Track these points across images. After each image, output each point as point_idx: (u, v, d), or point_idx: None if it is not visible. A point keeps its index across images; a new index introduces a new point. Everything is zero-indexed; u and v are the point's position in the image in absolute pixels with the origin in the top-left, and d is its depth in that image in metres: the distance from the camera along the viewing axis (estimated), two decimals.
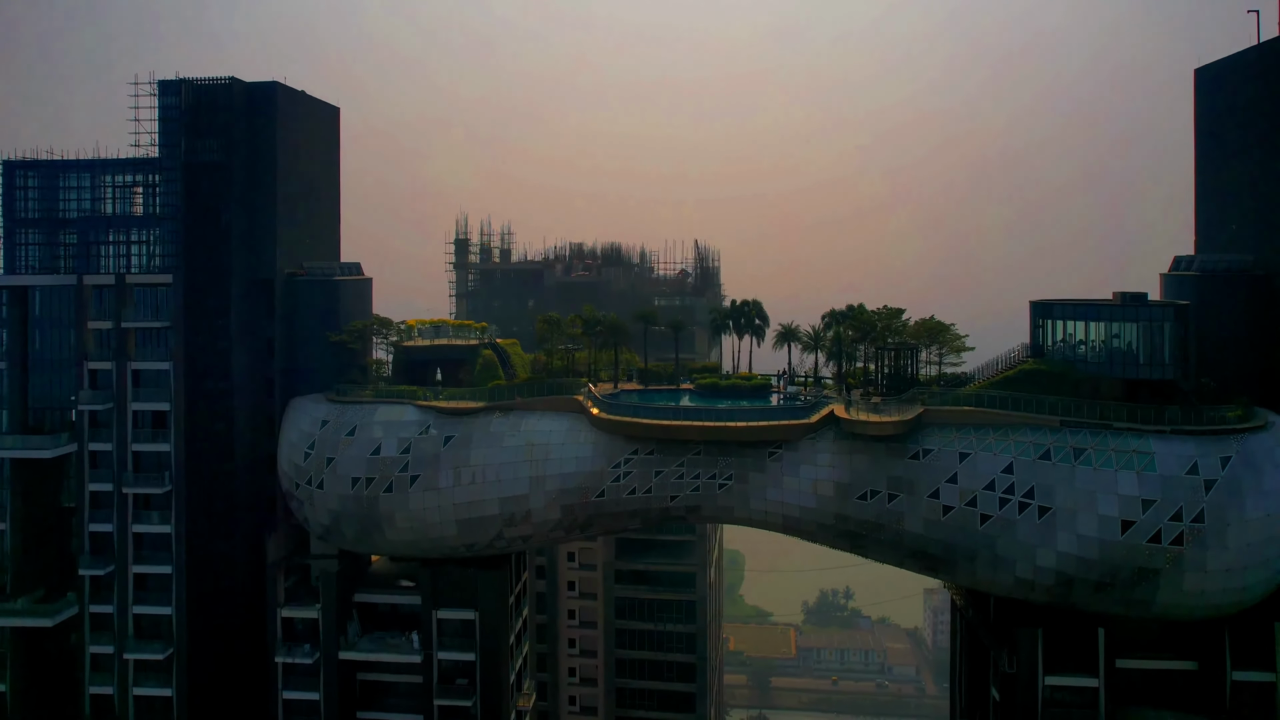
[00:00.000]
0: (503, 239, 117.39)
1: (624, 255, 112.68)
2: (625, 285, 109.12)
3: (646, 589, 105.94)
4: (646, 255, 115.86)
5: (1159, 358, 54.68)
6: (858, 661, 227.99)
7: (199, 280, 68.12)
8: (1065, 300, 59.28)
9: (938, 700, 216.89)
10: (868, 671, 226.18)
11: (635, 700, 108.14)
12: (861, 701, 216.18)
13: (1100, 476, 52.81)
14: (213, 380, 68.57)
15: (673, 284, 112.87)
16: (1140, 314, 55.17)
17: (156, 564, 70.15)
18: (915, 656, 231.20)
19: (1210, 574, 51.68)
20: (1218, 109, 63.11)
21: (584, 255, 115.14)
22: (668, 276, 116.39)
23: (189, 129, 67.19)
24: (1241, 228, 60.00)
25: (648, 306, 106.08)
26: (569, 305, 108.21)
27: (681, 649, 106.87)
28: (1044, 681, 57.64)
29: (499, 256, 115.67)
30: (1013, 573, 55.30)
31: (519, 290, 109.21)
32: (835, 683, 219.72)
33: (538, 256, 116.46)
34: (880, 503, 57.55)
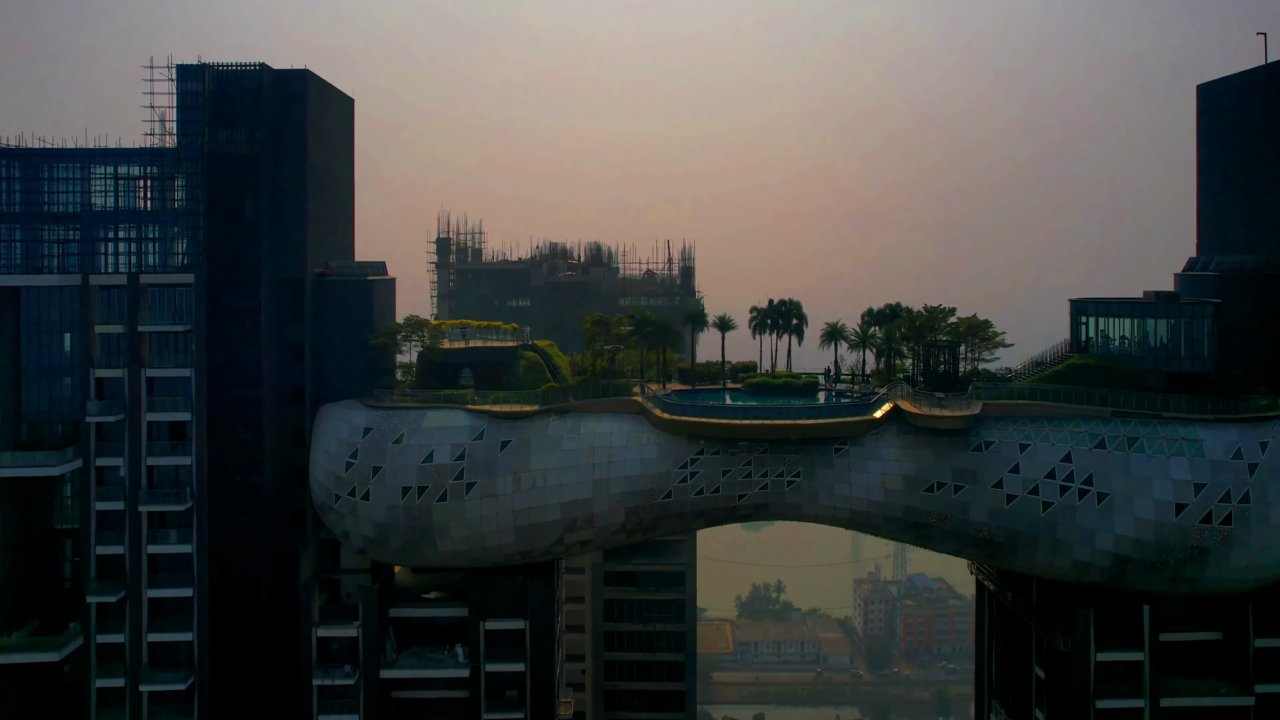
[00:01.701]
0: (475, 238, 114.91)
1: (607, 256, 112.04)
2: (614, 286, 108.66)
3: (635, 590, 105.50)
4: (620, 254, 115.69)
5: (1199, 351, 59.36)
6: (794, 653, 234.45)
7: (224, 280, 63.61)
8: (1104, 299, 63.48)
9: (872, 686, 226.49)
10: (804, 662, 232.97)
11: (624, 702, 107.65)
12: (800, 692, 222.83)
13: (1154, 463, 56.79)
14: (239, 387, 64.16)
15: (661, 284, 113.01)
16: (1182, 311, 59.69)
17: (174, 587, 64.88)
18: (848, 645, 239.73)
19: (1255, 550, 56.52)
20: (1221, 123, 68.97)
21: (564, 255, 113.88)
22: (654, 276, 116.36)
23: (213, 118, 62.56)
24: (1249, 232, 65.80)
25: (635, 306, 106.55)
26: (556, 305, 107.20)
27: (671, 648, 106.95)
28: (1095, 658, 61.35)
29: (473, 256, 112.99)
30: (1071, 556, 58.70)
31: (504, 290, 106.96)
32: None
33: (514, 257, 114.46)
34: (947, 494, 59.87)
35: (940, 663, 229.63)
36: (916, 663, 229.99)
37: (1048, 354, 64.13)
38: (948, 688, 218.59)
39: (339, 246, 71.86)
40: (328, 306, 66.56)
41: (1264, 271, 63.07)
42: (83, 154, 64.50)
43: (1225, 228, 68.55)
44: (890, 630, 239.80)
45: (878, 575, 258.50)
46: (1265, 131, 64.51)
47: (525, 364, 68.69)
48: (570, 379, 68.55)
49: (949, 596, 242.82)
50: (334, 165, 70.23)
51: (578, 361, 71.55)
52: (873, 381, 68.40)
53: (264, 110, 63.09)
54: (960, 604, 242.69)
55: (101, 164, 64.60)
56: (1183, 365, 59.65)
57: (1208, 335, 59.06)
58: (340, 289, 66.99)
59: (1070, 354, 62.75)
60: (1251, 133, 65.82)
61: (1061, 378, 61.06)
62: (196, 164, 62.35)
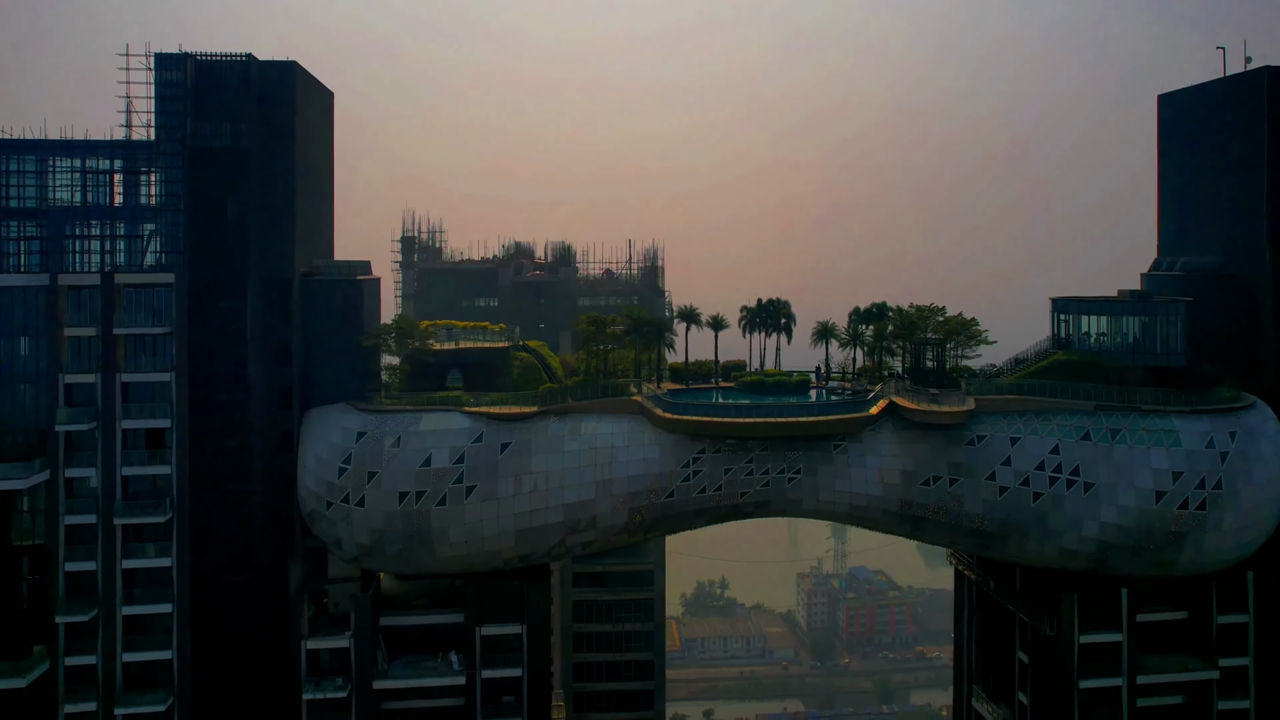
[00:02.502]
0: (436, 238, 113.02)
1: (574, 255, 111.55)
2: (581, 285, 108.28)
3: (605, 590, 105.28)
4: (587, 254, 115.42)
5: (1172, 346, 62.82)
6: (740, 648, 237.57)
7: (208, 280, 60.84)
8: (1083, 297, 66.51)
9: (817, 678, 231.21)
10: (749, 657, 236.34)
11: (593, 703, 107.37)
12: (747, 686, 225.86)
13: (1135, 453, 59.84)
14: (224, 392, 61.48)
15: (623, 283, 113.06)
16: (1156, 309, 63.02)
17: (152, 603, 61.61)
18: (792, 638, 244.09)
19: (1225, 533, 60.08)
20: (1181, 131, 73.10)
21: (529, 255, 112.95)
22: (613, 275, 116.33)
23: (195, 110, 59.74)
24: (1207, 235, 69.94)
25: (594, 307, 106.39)
26: (523, 305, 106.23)
27: (639, 647, 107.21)
28: (1079, 640, 64.20)
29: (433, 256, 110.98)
30: (1059, 544, 61.35)
31: (471, 290, 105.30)
32: (785, 668, 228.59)
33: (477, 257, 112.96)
34: (942, 487, 61.79)
35: (881, 652, 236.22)
36: (859, 654, 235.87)
37: (1030, 351, 66.83)
38: (889, 677, 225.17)
39: (321, 246, 69.59)
40: (316, 307, 64.35)
41: (1223, 272, 67.17)
42: (46, 146, 60.70)
43: (1184, 230, 72.72)
44: (833, 623, 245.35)
45: (820, 569, 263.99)
46: (1222, 140, 68.75)
47: (519, 365, 67.90)
48: (564, 379, 67.99)
49: (889, 588, 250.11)
50: (318, 161, 67.94)
51: (569, 362, 71.02)
52: (864, 380, 69.99)
53: (250, 103, 60.56)
54: (899, 595, 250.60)
55: (67, 156, 60.92)
56: (1158, 360, 63.02)
57: (1180, 332, 62.53)
58: (329, 289, 64.85)
59: (1053, 350, 65.55)
60: (1209, 141, 70.07)
61: (1046, 373, 63.71)
62: (177, 158, 59.42)
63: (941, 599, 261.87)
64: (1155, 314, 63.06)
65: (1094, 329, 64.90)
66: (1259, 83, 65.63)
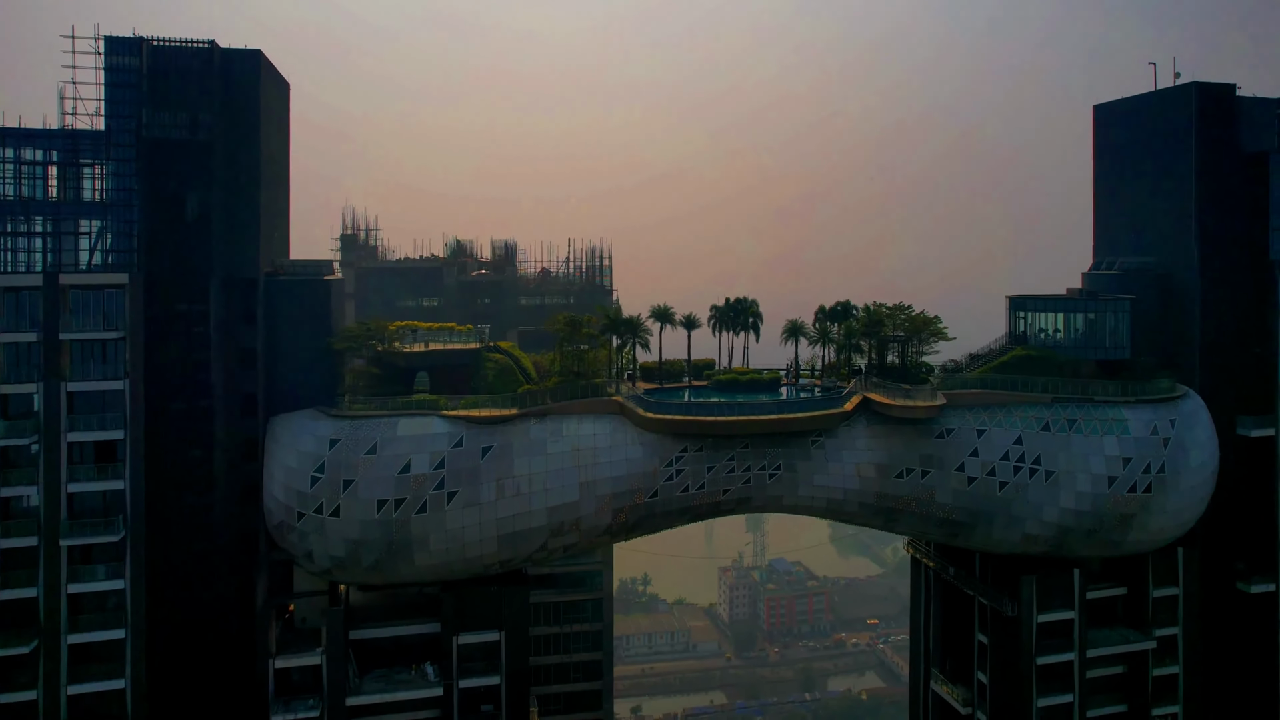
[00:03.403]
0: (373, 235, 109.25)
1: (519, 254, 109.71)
2: (528, 284, 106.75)
3: (554, 593, 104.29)
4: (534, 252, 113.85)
5: (1120, 341, 67.23)
6: (665, 644, 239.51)
7: (167, 280, 56.98)
8: (1039, 295, 70.34)
9: (740, 669, 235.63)
10: (674, 652, 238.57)
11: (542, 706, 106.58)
12: (673, 681, 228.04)
13: (1090, 442, 63.70)
14: (185, 399, 57.75)
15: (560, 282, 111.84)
16: (1105, 306, 67.30)
17: (102, 629, 57.32)
18: (715, 632, 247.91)
19: (1168, 513, 64.73)
20: (1114, 139, 78.21)
21: (471, 253, 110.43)
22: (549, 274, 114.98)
23: (151, 98, 55.82)
24: (1138, 237, 75.14)
25: (532, 304, 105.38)
26: (468, 305, 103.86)
27: (588, 648, 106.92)
28: (1037, 620, 67.88)
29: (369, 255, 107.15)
30: (1023, 530, 64.67)
31: (415, 289, 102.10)
32: (729, 660, 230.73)
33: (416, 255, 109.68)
34: (915, 479, 64.17)
35: (802, 641, 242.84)
36: (780, 643, 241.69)
37: (989, 347, 70.19)
38: (810, 664, 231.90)
39: (280, 244, 66.25)
40: (282, 309, 61.20)
41: (1157, 271, 72.33)
42: None
43: (1118, 232, 77.90)
44: (754, 614, 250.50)
45: (741, 562, 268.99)
46: (1153, 148, 74.04)
47: (494, 366, 66.49)
48: (538, 380, 67.01)
49: (807, 578, 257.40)
50: (277, 155, 64.61)
51: (541, 362, 70.04)
52: (831, 376, 71.85)
53: (213, 93, 57.00)
54: (817, 584, 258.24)
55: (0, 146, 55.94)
56: (1107, 353, 67.33)
57: (1126, 326, 67.01)
58: (295, 290, 61.80)
59: (1012, 346, 69.04)
60: (1141, 149, 75.34)
61: (1007, 368, 67.05)
62: (130, 149, 55.41)
63: (856, 587, 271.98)
64: (1103, 310, 67.35)
65: (1049, 325, 68.76)
66: (1188, 97, 71.06)
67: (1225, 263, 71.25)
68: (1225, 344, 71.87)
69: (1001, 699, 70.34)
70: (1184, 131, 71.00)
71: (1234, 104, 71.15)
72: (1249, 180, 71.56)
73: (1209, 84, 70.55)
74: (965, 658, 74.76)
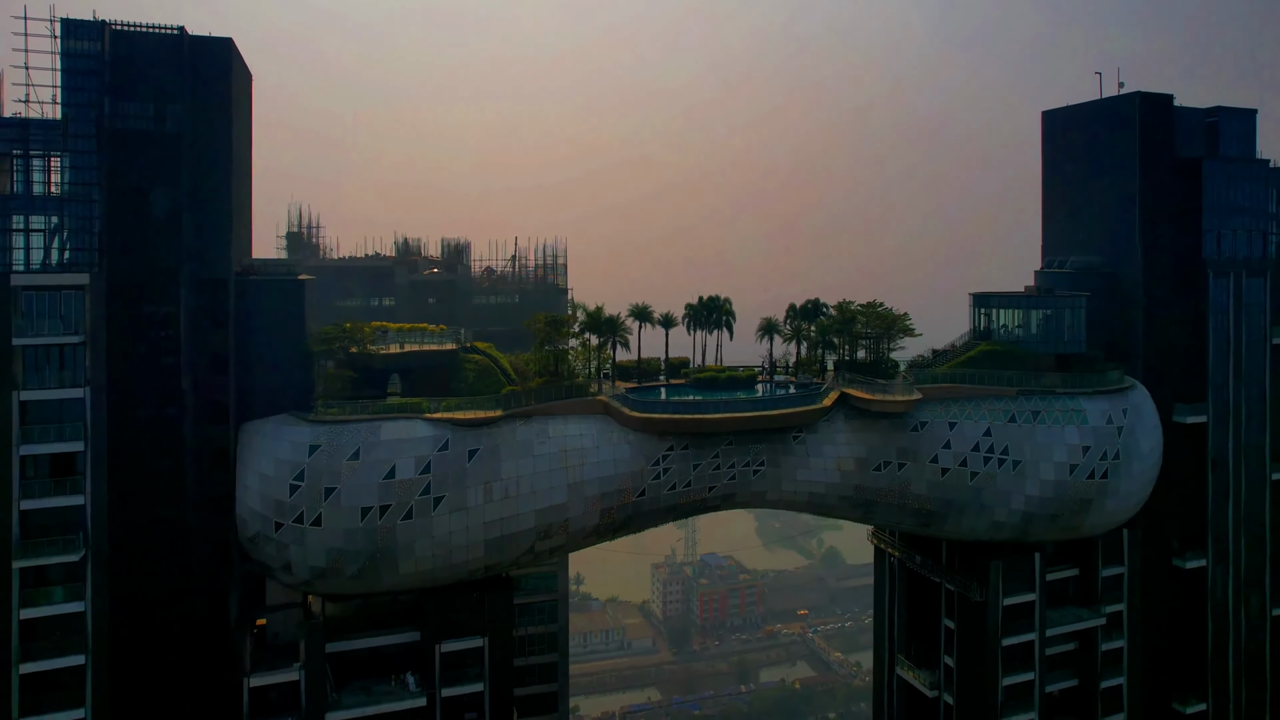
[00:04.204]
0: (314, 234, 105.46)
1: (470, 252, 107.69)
2: (485, 283, 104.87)
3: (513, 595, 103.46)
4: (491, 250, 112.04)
5: (1076, 335, 70.90)
6: (599, 642, 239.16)
7: (132, 281, 53.43)
8: (1001, 293, 73.44)
9: (675, 665, 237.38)
10: (609, 650, 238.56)
11: None
12: (608, 679, 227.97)
13: (1053, 432, 66.97)
14: (153, 407, 54.31)
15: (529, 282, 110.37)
16: (1062, 302, 70.81)
17: (59, 656, 53.45)
18: (649, 628, 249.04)
19: (1121, 497, 68.67)
20: (1062, 143, 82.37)
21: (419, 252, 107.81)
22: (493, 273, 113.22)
23: (114, 87, 52.23)
24: (1085, 237, 79.43)
25: (485, 303, 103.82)
26: (420, 304, 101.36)
27: (543, 650, 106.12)
28: (1002, 603, 70.96)
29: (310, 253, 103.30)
30: (991, 518, 67.49)
31: (365, 289, 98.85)
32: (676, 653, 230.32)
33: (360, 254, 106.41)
34: (892, 471, 66.14)
35: (734, 634, 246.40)
36: (714, 637, 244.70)
37: (955, 341, 72.89)
38: (744, 657, 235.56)
39: (243, 243, 63.06)
40: (254, 310, 58.23)
41: (1104, 269, 76.59)
42: None
43: (1066, 231, 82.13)
44: (687, 610, 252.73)
45: (674, 558, 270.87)
46: (1098, 153, 78.41)
47: (474, 367, 65.05)
48: (518, 381, 65.93)
49: (739, 571, 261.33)
50: (242, 149, 61.43)
51: (519, 362, 68.94)
52: (806, 373, 73.25)
53: (182, 82, 53.69)
54: (749, 578, 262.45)
55: None
56: (1065, 347, 70.91)
57: (1081, 322, 70.74)
58: (268, 290, 58.87)
59: (977, 341, 71.88)
60: (1087, 153, 79.69)
61: (974, 362, 69.80)
62: (91, 140, 51.72)
63: (786, 579, 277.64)
64: (1061, 307, 70.89)
65: (1011, 321, 71.90)
66: (1132, 105, 75.54)
67: (1164, 262, 76.19)
68: (1164, 337, 76.79)
69: (968, 680, 73.21)
70: (1128, 138, 75.52)
71: (1171, 113, 76.07)
72: (1184, 184, 76.66)
73: (1151, 94, 75.24)
74: (931, 642, 77.45)
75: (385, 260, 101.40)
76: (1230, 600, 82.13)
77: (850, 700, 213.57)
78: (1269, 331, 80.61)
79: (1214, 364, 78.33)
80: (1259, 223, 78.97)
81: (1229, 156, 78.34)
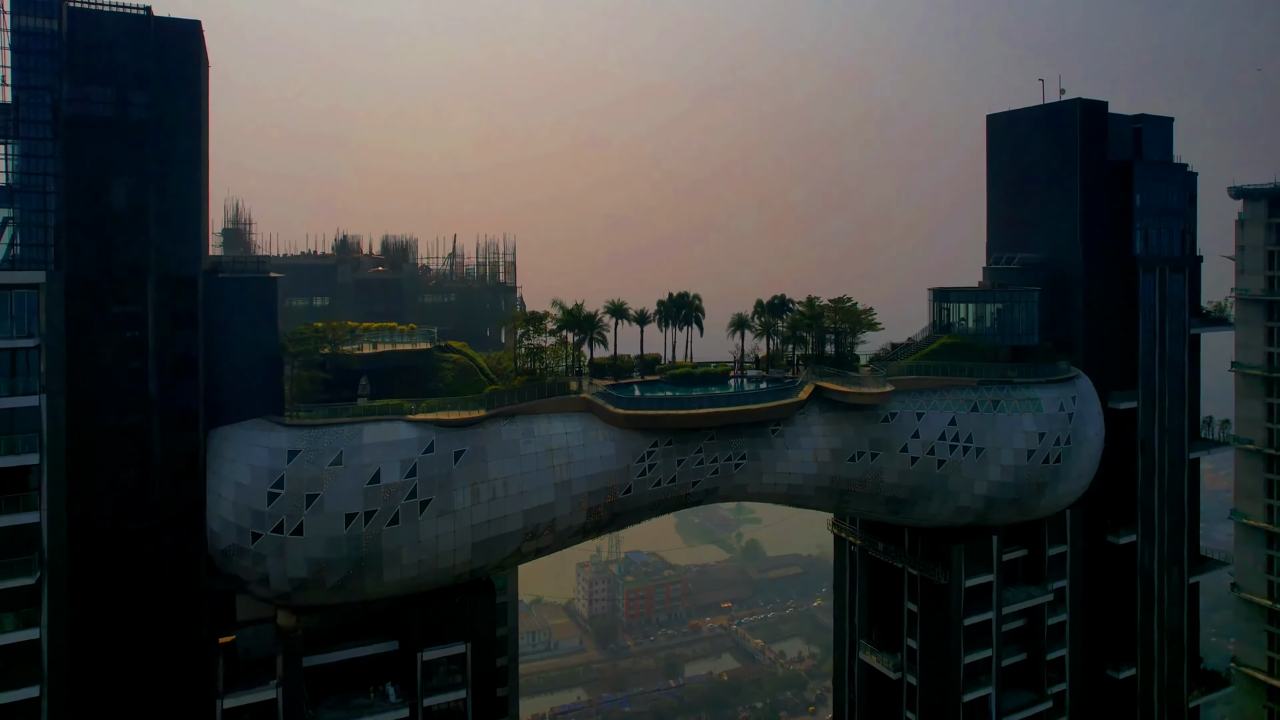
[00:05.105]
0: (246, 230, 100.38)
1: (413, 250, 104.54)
2: (433, 282, 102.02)
3: None
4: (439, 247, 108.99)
5: (1030, 328, 74.60)
6: (526, 644, 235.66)
7: (93, 279, 49.45)
8: (960, 288, 76.66)
9: (603, 663, 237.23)
10: (536, 652, 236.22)
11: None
12: (536, 681, 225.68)
13: (1011, 420, 70.39)
14: (118, 414, 50.46)
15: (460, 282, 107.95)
16: (1016, 296, 74.43)
17: (11, 690, 49.10)
18: (576, 628, 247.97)
19: (1071, 479, 72.78)
20: (1006, 147, 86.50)
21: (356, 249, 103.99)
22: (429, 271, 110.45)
23: (72, 69, 48.20)
24: (1028, 234, 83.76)
25: (435, 301, 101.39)
26: (362, 303, 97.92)
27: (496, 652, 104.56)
28: (964, 585, 74.09)
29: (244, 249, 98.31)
30: (956, 503, 70.39)
31: (306, 287, 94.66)
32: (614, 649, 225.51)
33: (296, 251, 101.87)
34: (865, 461, 68.10)
35: (660, 630, 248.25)
36: (640, 634, 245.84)
37: (917, 335, 75.61)
38: (671, 652, 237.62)
39: (204, 238, 59.36)
40: (223, 310, 54.79)
41: (1048, 265, 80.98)
42: None
43: (1009, 229, 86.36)
44: (614, 608, 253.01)
45: (599, 557, 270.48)
46: (1040, 155, 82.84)
47: (453, 367, 63.35)
48: (497, 380, 64.59)
49: (664, 568, 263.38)
50: (206, 138, 57.73)
51: (493, 360, 67.52)
52: (776, 367, 74.50)
53: (148, 66, 49.91)
54: (674, 573, 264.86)
55: None
56: (1020, 339, 74.61)
57: (1034, 315, 74.61)
58: (240, 289, 55.55)
59: (938, 334, 74.76)
60: (1030, 155, 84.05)
61: (936, 354, 72.62)
62: (46, 127, 47.66)
63: (709, 573, 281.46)
64: (1015, 301, 74.58)
65: (970, 315, 75.12)
66: (1073, 111, 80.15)
67: (1102, 258, 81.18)
68: (1101, 329, 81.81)
69: (931, 660, 76.12)
70: (1069, 142, 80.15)
71: (1106, 119, 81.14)
72: (1116, 185, 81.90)
73: (1090, 100, 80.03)
74: (893, 626, 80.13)
75: (327, 258, 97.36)
76: (1156, 572, 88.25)
77: (777, 689, 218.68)
78: (1188, 323, 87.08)
79: (1143, 354, 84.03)
80: (1179, 223, 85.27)
81: (1152, 161, 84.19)
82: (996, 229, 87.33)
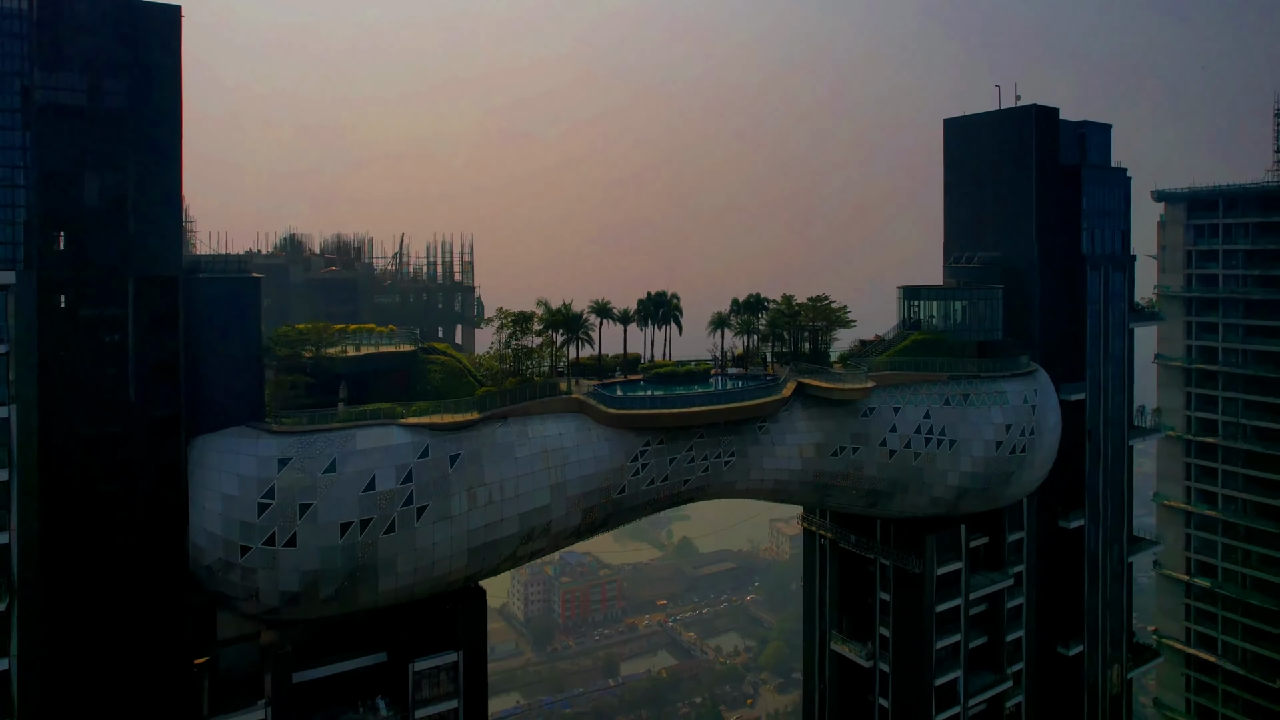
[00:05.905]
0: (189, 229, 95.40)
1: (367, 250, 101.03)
2: (388, 282, 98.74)
3: None
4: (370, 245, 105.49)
5: (995, 324, 77.53)
6: None
7: (66, 280, 45.90)
8: (928, 286, 78.98)
9: (541, 665, 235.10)
10: None
11: None
12: None
13: (981, 413, 73.08)
14: (95, 424, 46.95)
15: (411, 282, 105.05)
16: (981, 294, 77.24)
17: None
18: (512, 631, 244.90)
19: (1034, 468, 76.12)
20: (963, 150, 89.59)
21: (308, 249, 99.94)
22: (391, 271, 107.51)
23: (43, 55, 44.52)
24: (988, 233, 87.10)
25: (387, 302, 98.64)
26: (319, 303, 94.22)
27: None
28: (936, 573, 76.53)
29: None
30: (930, 494, 72.63)
31: None
32: None
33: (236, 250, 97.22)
34: (847, 455, 69.55)
35: (597, 630, 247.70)
36: (577, 634, 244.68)
37: (884, 333, 77.62)
38: (609, 650, 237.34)
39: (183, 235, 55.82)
40: (205, 312, 51.52)
41: (1005, 263, 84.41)
42: None
43: (966, 228, 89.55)
44: (549, 609, 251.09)
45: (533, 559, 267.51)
46: (997, 159, 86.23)
47: (440, 369, 61.56)
48: (486, 381, 63.11)
49: (599, 567, 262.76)
50: None
51: (479, 361, 65.96)
52: (754, 365, 75.27)
53: (125, 52, 46.54)
54: (609, 573, 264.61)
55: None
56: (986, 335, 77.47)
57: (998, 312, 77.61)
58: (221, 290, 52.29)
59: (909, 331, 76.93)
60: (986, 159, 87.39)
61: (908, 350, 74.73)
62: (16, 115, 44.01)
63: (643, 571, 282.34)
64: (980, 299, 77.45)
65: (938, 312, 77.58)
66: (1028, 116, 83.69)
67: (1054, 257, 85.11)
68: (1053, 324, 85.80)
69: (904, 648, 78.35)
70: (1025, 146, 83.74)
71: (1058, 125, 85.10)
72: (1066, 188, 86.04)
73: (1044, 106, 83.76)
74: (866, 617, 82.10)
75: (275, 257, 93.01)
76: (1100, 553, 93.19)
77: (715, 684, 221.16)
78: (1127, 318, 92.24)
79: (1090, 347, 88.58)
80: (1120, 223, 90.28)
81: (1096, 164, 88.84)
82: (954, 228, 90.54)
